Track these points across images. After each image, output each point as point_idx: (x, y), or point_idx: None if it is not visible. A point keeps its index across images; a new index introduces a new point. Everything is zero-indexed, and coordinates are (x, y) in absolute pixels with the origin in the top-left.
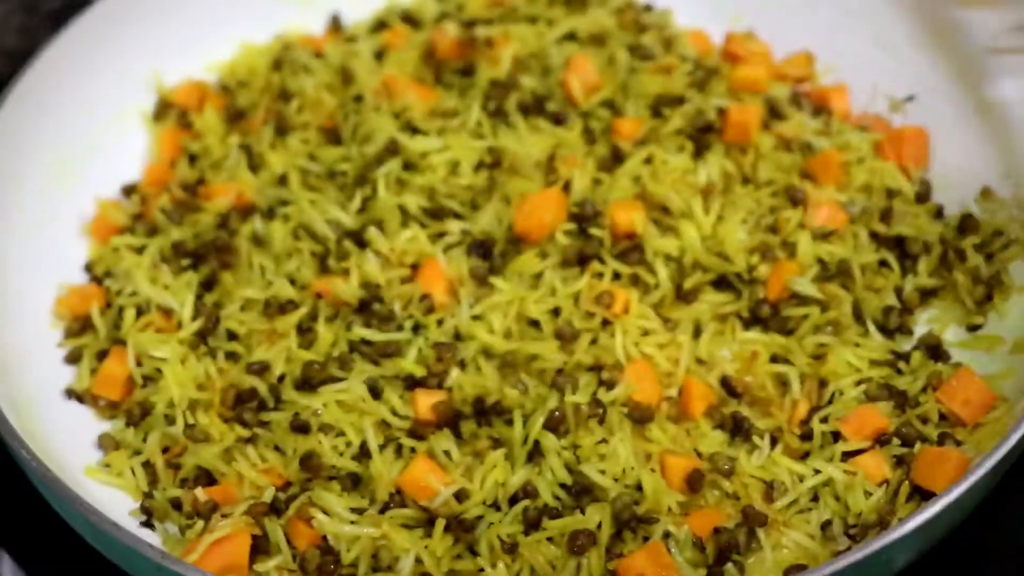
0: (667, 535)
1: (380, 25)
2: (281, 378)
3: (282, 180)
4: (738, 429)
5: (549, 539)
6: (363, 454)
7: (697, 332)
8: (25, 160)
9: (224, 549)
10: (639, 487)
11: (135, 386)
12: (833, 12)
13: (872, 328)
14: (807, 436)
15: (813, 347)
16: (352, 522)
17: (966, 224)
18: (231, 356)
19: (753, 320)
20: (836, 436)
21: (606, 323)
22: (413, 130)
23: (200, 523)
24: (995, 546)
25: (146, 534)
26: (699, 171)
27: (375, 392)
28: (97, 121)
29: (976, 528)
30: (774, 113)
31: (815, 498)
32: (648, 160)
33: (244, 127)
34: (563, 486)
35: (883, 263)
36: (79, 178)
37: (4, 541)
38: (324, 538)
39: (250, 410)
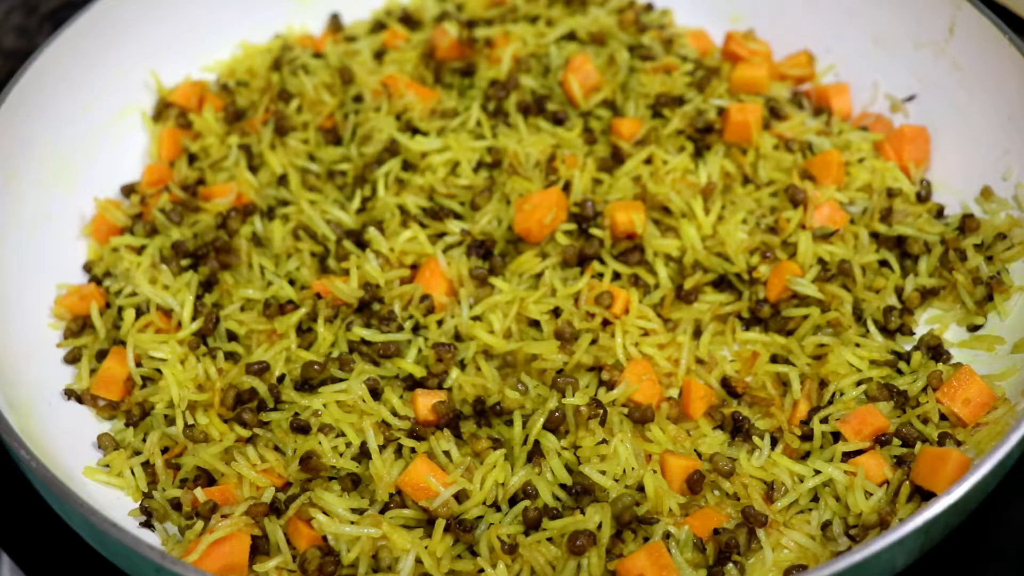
0: (667, 535)
1: (379, 25)
2: (281, 378)
3: (282, 180)
4: (738, 429)
5: (549, 539)
6: (363, 454)
7: (697, 332)
8: (25, 160)
9: (224, 549)
10: (640, 488)
11: (134, 386)
12: (833, 12)
13: (872, 328)
14: (807, 436)
15: (813, 347)
16: (352, 522)
17: (967, 224)
18: (231, 356)
19: (753, 320)
20: (836, 436)
21: (606, 323)
22: (413, 130)
23: (200, 523)
24: (995, 546)
25: (146, 534)
26: (699, 171)
27: (375, 393)
28: (97, 121)
29: (976, 528)
30: (774, 113)
31: (815, 498)
32: (648, 160)
33: (244, 127)
34: (563, 486)
35: (884, 263)
36: (79, 178)
37: (4, 541)
38: (324, 538)
39: (250, 410)
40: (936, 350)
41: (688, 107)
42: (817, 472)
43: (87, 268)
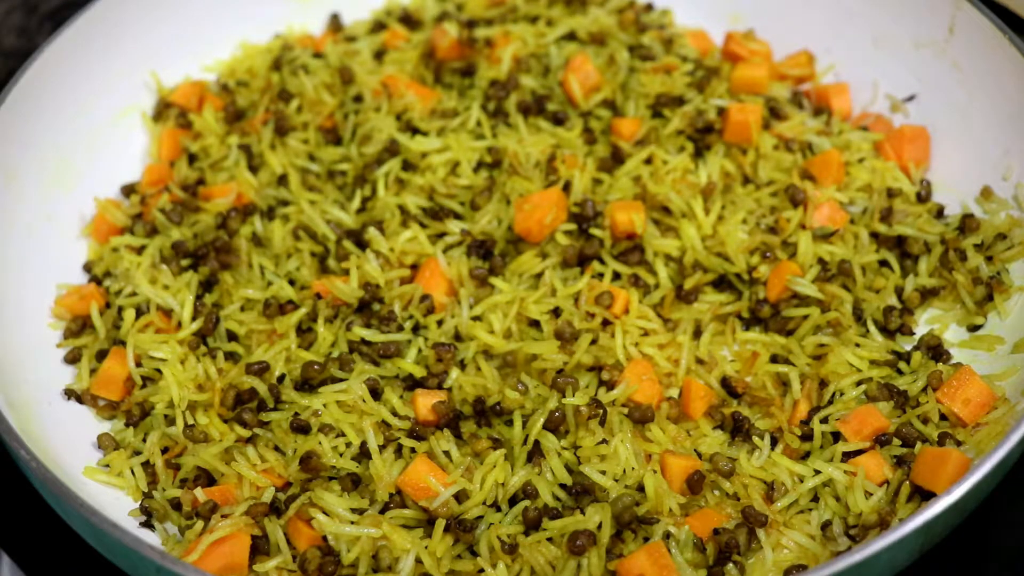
0: (667, 535)
1: (379, 25)
2: (281, 378)
3: (282, 180)
4: (738, 429)
5: (549, 539)
6: (363, 454)
7: (697, 332)
8: (25, 160)
9: (224, 549)
10: (640, 488)
11: (135, 386)
12: (833, 12)
13: (872, 328)
14: (807, 436)
15: (813, 347)
16: (352, 522)
17: (967, 224)
18: (231, 356)
19: (753, 320)
20: (836, 436)
21: (606, 323)
22: (413, 130)
23: (200, 523)
24: (995, 546)
25: (146, 534)
26: (699, 171)
27: (375, 393)
28: (97, 121)
29: (976, 528)
30: (774, 113)
31: (815, 498)
32: (648, 160)
33: (244, 127)
34: (563, 486)
35: (884, 263)
36: (79, 178)
37: (4, 541)
38: (324, 538)
39: (250, 410)
40: (936, 350)
41: (688, 107)
42: (817, 472)
43: (87, 268)
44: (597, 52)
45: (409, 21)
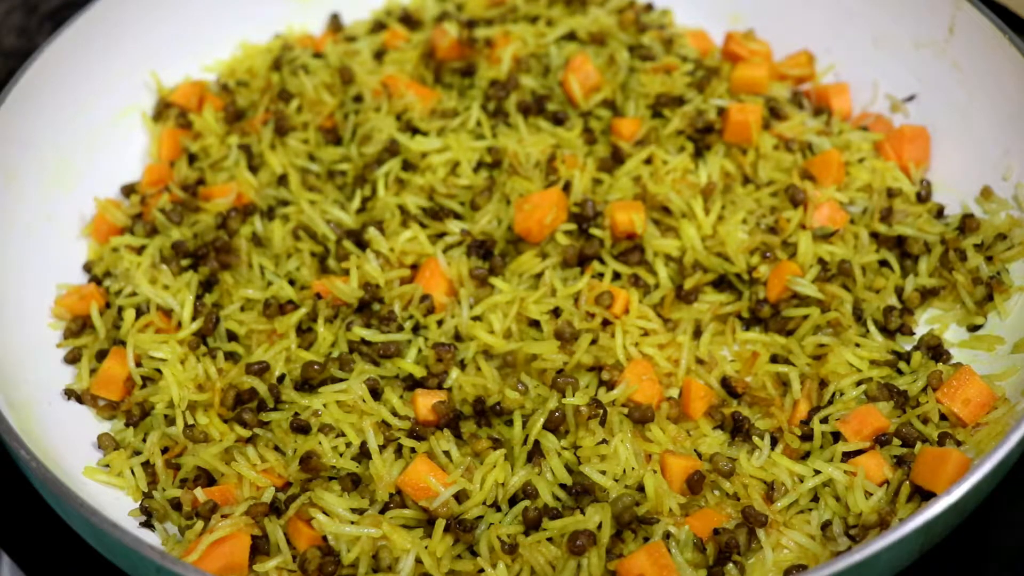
0: (667, 535)
1: (379, 25)
2: (281, 378)
3: (282, 180)
4: (738, 429)
5: (549, 539)
6: (363, 454)
7: (697, 332)
8: (25, 160)
9: (224, 549)
10: (640, 488)
11: (135, 386)
12: (833, 12)
13: (872, 328)
14: (807, 436)
15: (813, 347)
16: (352, 522)
17: (967, 224)
18: (231, 356)
19: (753, 320)
20: (836, 436)
21: (606, 323)
22: (413, 130)
23: (200, 523)
24: (995, 546)
25: (146, 534)
26: (699, 171)
27: (375, 393)
28: (97, 121)
29: (976, 528)
30: (774, 113)
31: (815, 498)
32: (648, 160)
33: (244, 127)
34: (563, 486)
35: (884, 263)
36: (79, 178)
37: (4, 541)
38: (324, 538)
39: (250, 410)
40: (936, 350)
41: (688, 107)
42: (817, 472)
43: (87, 268)
44: (597, 52)
45: (409, 21)
